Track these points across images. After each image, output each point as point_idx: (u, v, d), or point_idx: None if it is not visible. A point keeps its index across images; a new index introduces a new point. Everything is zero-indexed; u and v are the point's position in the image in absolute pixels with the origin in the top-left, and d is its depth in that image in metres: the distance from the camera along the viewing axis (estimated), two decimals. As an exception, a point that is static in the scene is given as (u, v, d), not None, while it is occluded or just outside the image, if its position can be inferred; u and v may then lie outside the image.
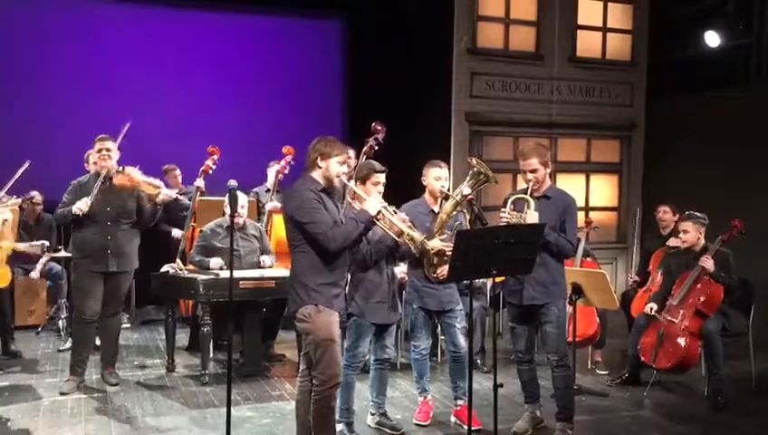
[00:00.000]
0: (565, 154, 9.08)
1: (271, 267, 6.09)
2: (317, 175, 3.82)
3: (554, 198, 4.41)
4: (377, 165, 4.38)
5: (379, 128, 6.42)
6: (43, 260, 7.20)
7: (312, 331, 3.71)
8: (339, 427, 4.30)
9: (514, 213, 4.33)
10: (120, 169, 5.39)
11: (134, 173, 5.38)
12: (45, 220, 7.25)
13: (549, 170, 4.44)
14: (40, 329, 7.25)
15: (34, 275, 7.17)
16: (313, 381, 3.77)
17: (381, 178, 4.32)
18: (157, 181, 5.51)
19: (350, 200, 4.33)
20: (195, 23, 9.06)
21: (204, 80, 9.02)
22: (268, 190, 7.33)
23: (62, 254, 6.95)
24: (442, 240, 4.39)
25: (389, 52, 8.67)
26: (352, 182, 4.20)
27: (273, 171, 7.37)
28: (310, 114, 9.02)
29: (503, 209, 4.40)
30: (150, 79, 8.72)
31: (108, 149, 5.35)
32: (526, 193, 4.35)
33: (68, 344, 6.35)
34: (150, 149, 5.59)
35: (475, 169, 4.39)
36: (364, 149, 5.87)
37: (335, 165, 3.82)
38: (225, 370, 5.88)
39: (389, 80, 8.47)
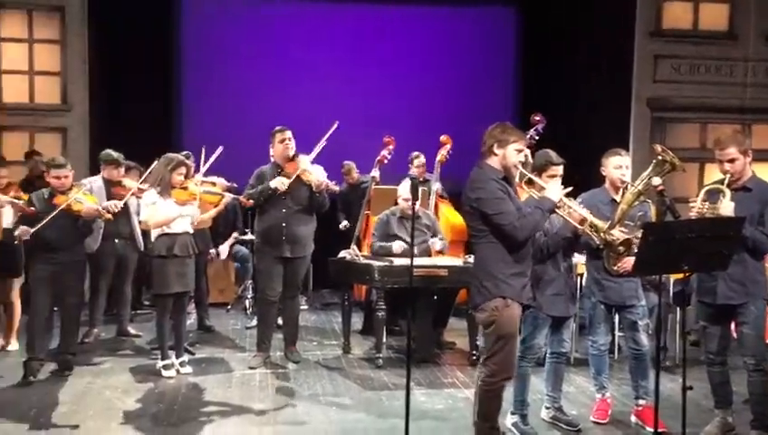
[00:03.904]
0: (760, 141, 8.35)
1: (441, 252, 6.12)
2: (493, 162, 3.74)
3: (756, 190, 4.05)
4: (554, 156, 4.25)
5: (537, 119, 6.25)
6: (229, 241, 7.75)
7: (497, 325, 3.64)
8: (513, 419, 4.28)
9: (706, 204, 4.04)
10: (293, 156, 5.65)
11: (301, 162, 5.61)
12: (229, 205, 7.77)
13: (749, 160, 4.09)
14: (229, 307, 7.86)
15: (222, 255, 7.73)
16: (484, 370, 3.75)
17: (559, 170, 4.20)
18: (315, 169, 5.63)
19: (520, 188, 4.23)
20: (367, 15, 9.34)
21: (378, 71, 9.28)
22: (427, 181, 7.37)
23: (249, 237, 7.46)
24: (622, 232, 4.19)
25: (564, 37, 8.42)
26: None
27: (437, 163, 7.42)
28: (481, 103, 9.01)
29: (692, 200, 4.13)
30: (327, 72, 9.13)
31: (290, 139, 5.64)
32: (723, 184, 4.04)
33: (254, 322, 6.82)
34: (330, 140, 5.82)
35: (660, 158, 4.13)
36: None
37: (512, 152, 3.72)
38: (398, 354, 6.09)
39: (564, 66, 8.23)
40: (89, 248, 5.94)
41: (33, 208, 5.07)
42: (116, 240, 6.37)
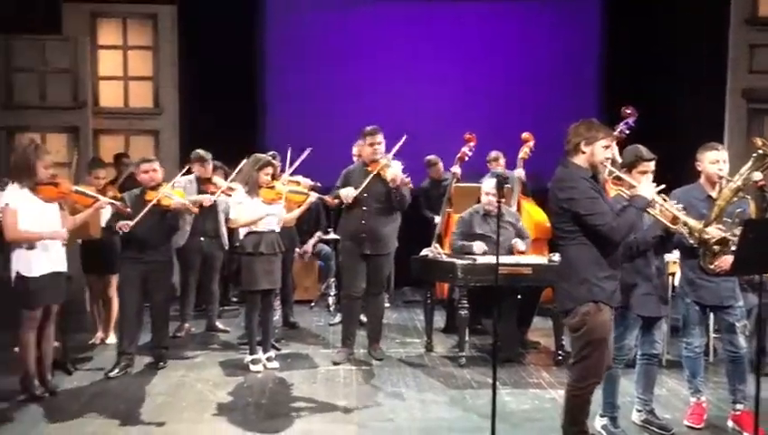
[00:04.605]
0: None
1: (523, 252, 6.06)
2: (580, 160, 3.63)
3: None
4: (645, 151, 4.12)
5: (628, 112, 6.08)
6: (313, 240, 7.89)
7: (588, 331, 3.53)
8: (602, 421, 4.18)
9: (810, 200, 3.83)
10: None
11: (382, 158, 5.63)
12: (313, 204, 7.87)
13: None
14: (313, 304, 8.00)
15: (307, 254, 7.87)
16: (571, 375, 3.67)
17: (650, 166, 4.06)
18: (394, 164, 5.64)
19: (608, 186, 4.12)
20: (446, 13, 9.32)
21: (457, 68, 9.24)
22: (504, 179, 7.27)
23: (332, 236, 7.57)
24: (719, 229, 4.03)
25: (652, 27, 8.14)
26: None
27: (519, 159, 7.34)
28: (563, 98, 8.85)
29: (796, 196, 3.92)
30: (407, 71, 9.16)
31: (379, 143, 5.67)
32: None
33: (337, 319, 6.92)
34: (410, 138, 5.85)
35: (762, 152, 3.94)
36: (614, 134, 5.58)
37: (600, 149, 3.61)
38: (481, 353, 6.05)
39: (652, 58, 7.95)
40: (175, 244, 6.17)
41: (128, 209, 5.30)
42: (201, 238, 6.59)
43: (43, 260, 4.66)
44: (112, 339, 6.17)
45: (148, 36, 9.06)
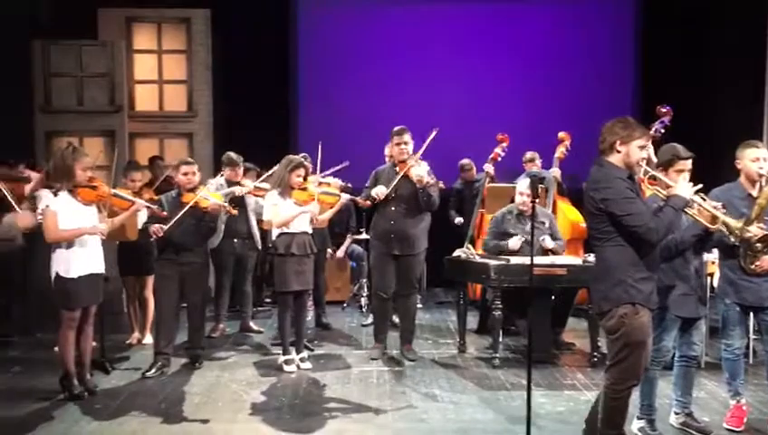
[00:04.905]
0: None
1: (551, 250, 5.99)
2: (615, 160, 3.56)
3: None
4: (681, 150, 4.04)
5: (664, 111, 6.01)
6: (344, 246, 7.90)
7: (626, 333, 3.47)
8: (640, 423, 4.13)
9: None
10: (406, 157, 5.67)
11: (410, 159, 5.62)
12: (343, 205, 7.86)
13: None
14: (345, 305, 8.02)
15: (339, 254, 7.90)
16: (608, 377, 3.61)
17: (687, 164, 3.99)
18: (419, 165, 5.64)
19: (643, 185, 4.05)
20: (482, 13, 9.29)
21: (493, 68, 9.22)
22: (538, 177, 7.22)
23: (363, 236, 7.58)
24: (761, 228, 3.94)
25: (688, 25, 8.00)
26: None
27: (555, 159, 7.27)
28: (599, 97, 8.77)
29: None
30: (441, 71, 9.17)
31: (406, 143, 5.67)
32: None
33: (369, 320, 6.93)
34: (443, 139, 5.83)
35: (803, 149, 3.86)
36: (650, 134, 5.49)
37: (635, 149, 3.53)
38: (515, 354, 6.01)
39: (688, 56, 7.83)
40: (211, 244, 6.24)
41: (165, 213, 5.36)
42: (234, 239, 6.65)
43: (82, 262, 4.74)
44: (149, 339, 6.25)
45: (183, 40, 9.17)
